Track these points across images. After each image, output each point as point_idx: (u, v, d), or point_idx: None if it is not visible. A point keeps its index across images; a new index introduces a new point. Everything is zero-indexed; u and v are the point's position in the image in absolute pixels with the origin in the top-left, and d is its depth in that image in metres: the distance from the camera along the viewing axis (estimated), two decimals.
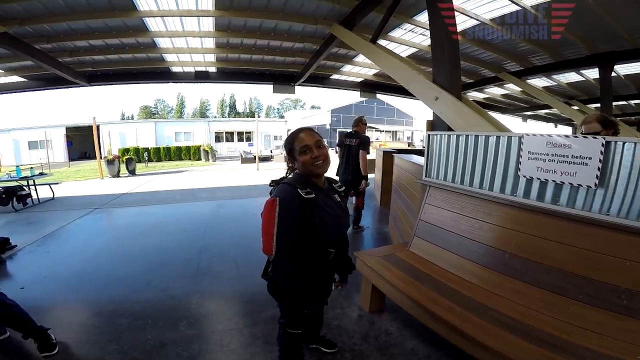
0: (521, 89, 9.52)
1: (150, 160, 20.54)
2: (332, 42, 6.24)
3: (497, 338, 1.58)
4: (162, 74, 8.66)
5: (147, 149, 21.09)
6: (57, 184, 8.49)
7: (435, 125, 3.53)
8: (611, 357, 1.40)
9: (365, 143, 4.43)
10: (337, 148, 5.15)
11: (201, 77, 8.87)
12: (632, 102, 11.46)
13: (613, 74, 7.68)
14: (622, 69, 8.01)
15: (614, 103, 11.40)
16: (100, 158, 12.19)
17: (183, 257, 3.87)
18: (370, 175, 5.96)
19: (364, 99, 11.76)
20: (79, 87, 8.52)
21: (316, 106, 61.97)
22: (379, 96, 11.48)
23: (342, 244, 1.70)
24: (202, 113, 65.08)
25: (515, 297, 1.91)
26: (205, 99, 69.47)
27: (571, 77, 9.06)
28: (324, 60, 7.59)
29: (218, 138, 27.24)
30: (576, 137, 1.82)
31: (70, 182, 10.87)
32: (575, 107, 10.68)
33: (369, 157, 4.47)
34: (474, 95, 12.20)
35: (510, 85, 9.68)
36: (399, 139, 30.70)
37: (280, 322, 1.75)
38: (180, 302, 2.82)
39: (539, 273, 1.88)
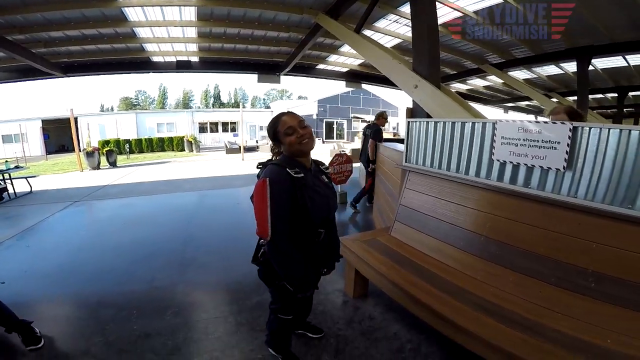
0: (502, 81, 9.72)
1: (132, 152, 20.07)
2: (318, 32, 6.21)
3: (473, 320, 1.62)
4: (142, 64, 8.44)
5: (128, 141, 20.56)
6: (34, 177, 8.24)
7: (414, 112, 3.62)
8: (580, 339, 1.45)
9: (375, 133, 5.12)
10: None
11: (183, 66, 8.68)
12: (609, 95, 11.83)
13: (591, 67, 7.92)
14: (600, 63, 8.24)
15: (592, 96, 11.81)
16: (79, 150, 11.83)
17: (168, 248, 3.84)
18: (355, 165, 6.10)
19: (350, 89, 11.81)
20: (54, 78, 8.19)
21: (303, 96, 61.39)
22: (365, 87, 11.51)
23: (331, 225, 1.70)
24: (185, 104, 63.55)
25: (492, 280, 1.96)
26: (189, 89, 68.25)
27: (550, 70, 9.28)
28: (309, 50, 7.54)
29: (202, 129, 26.85)
30: (546, 122, 1.90)
31: (48, 176, 10.52)
32: (555, 100, 10.99)
33: (354, 146, 4.95)
34: (457, 86, 12.35)
35: (492, 77, 9.85)
36: (385, 129, 30.89)
37: (272, 308, 1.76)
38: (165, 292, 2.81)
39: (513, 256, 1.93)
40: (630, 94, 11.05)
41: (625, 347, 1.37)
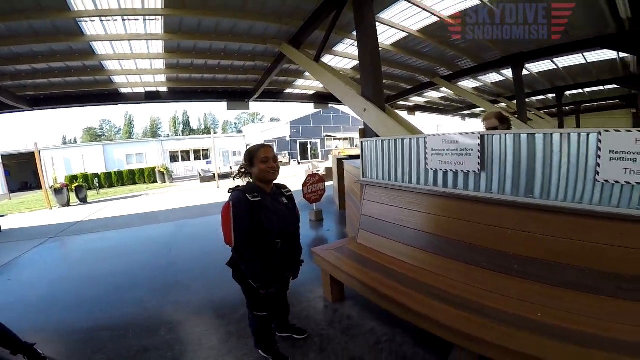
0: (453, 92, 10.53)
1: (101, 186, 19.44)
2: (283, 60, 6.57)
3: (428, 307, 1.87)
4: (110, 95, 8.45)
5: (97, 175, 19.93)
6: (2, 216, 7.96)
7: (366, 132, 4.07)
8: (515, 315, 1.68)
9: None
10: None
11: (152, 97, 8.76)
12: (549, 95, 13.00)
13: (527, 72, 8.82)
14: (534, 67, 9.18)
15: (536, 97, 12.95)
16: (47, 187, 11.45)
17: (152, 275, 3.96)
18: (329, 183, 6.43)
19: (321, 109, 12.26)
20: (20, 112, 8.05)
21: (275, 118, 61.86)
22: (335, 105, 11.93)
23: (289, 238, 2.06)
24: (153, 132, 62.19)
25: (442, 271, 2.27)
26: (156, 117, 66.76)
27: (493, 77, 10.17)
28: (276, 76, 7.87)
29: (173, 158, 25.94)
30: (461, 134, 2.33)
31: (15, 215, 10.13)
32: (503, 104, 12.00)
33: (328, 165, 5.20)
34: (416, 99, 13.13)
35: (445, 89, 10.63)
36: (356, 145, 31.71)
37: (247, 306, 2.10)
38: (155, 314, 2.98)
39: (459, 249, 2.26)
40: (567, 93, 12.24)
41: (553, 318, 1.62)
